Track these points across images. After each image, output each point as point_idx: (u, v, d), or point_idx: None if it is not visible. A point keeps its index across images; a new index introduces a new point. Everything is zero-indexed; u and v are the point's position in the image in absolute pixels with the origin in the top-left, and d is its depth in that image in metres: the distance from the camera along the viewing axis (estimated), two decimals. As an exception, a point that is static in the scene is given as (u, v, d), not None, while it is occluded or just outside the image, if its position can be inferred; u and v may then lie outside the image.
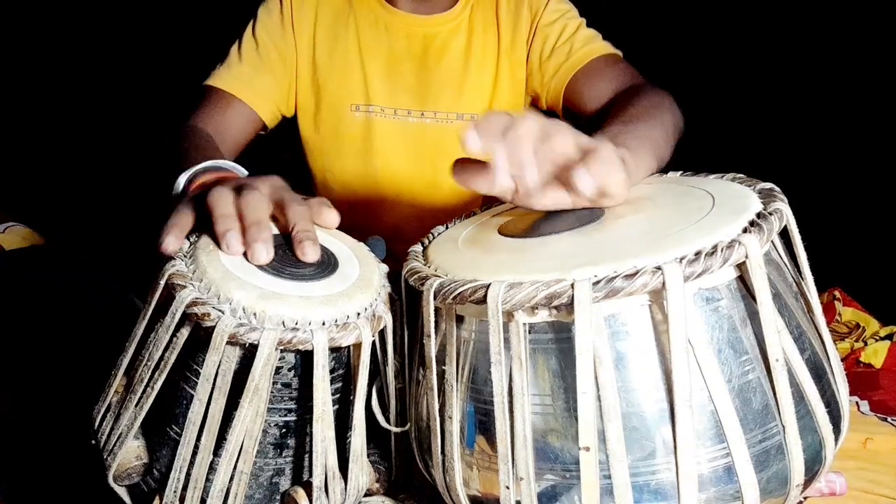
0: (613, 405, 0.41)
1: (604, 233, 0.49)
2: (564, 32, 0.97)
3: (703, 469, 0.42)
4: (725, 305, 0.43)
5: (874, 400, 0.82)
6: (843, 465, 0.66)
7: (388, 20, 1.01)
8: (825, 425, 0.45)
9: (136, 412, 0.51)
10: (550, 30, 0.98)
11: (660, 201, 0.52)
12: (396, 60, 1.01)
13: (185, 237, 0.53)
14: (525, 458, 0.44)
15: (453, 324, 0.48)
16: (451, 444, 0.48)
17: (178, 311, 0.47)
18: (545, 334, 0.44)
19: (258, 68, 0.97)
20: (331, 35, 1.01)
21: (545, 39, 0.98)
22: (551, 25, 0.98)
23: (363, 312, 0.51)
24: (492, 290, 0.43)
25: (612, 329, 0.42)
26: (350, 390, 0.53)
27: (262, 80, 0.97)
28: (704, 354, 0.42)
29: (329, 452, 0.50)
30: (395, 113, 1.01)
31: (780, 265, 0.48)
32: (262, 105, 0.97)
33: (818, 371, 0.46)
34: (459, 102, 1.01)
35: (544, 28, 0.99)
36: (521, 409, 0.43)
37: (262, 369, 0.46)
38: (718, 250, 0.41)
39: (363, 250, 0.59)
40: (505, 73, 1.01)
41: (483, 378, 0.47)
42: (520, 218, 0.57)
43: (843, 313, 1.05)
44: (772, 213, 0.45)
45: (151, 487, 0.53)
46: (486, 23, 1.01)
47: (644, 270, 0.40)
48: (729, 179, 0.54)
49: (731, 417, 0.42)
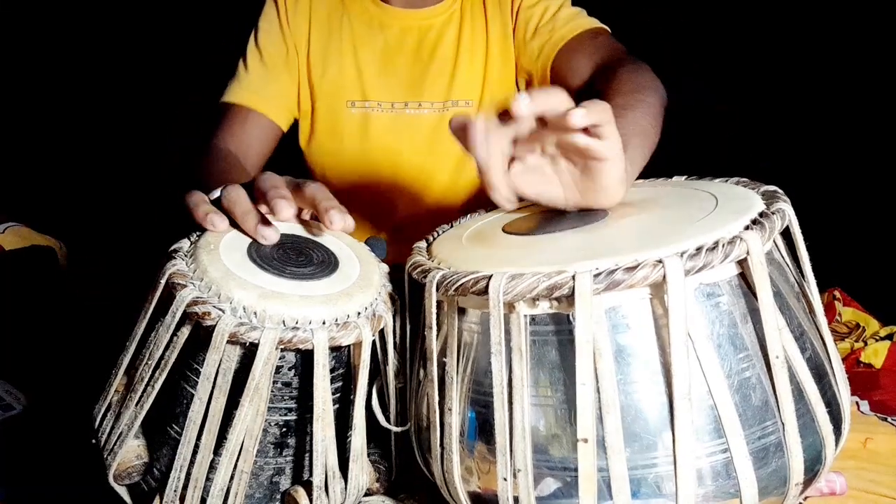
0: (612, 397, 0.41)
1: (607, 230, 0.49)
2: (547, 13, 0.98)
3: (702, 464, 0.42)
4: (726, 301, 0.43)
5: (874, 400, 0.82)
6: (843, 465, 0.66)
7: (381, 17, 1.03)
8: (825, 425, 0.45)
9: (136, 411, 0.51)
10: (533, 11, 0.99)
11: (663, 202, 0.53)
12: (391, 55, 1.02)
13: (186, 237, 0.54)
14: (523, 450, 0.44)
15: (455, 316, 0.48)
16: (451, 436, 0.48)
17: (178, 310, 0.47)
18: (546, 326, 0.44)
19: (265, 77, 0.99)
20: (324, 35, 1.02)
21: (528, 21, 0.99)
22: (533, 7, 0.99)
23: (363, 312, 0.51)
24: (493, 280, 0.43)
25: (612, 322, 0.42)
26: (350, 390, 0.53)
27: (270, 87, 0.99)
28: (704, 349, 0.42)
29: (329, 452, 0.50)
30: (393, 106, 1.02)
31: (782, 265, 0.48)
32: (276, 111, 0.99)
33: (819, 371, 0.46)
34: (452, 90, 1.02)
35: (526, 10, 1.00)
36: (521, 400, 0.44)
37: (262, 368, 0.46)
38: (720, 246, 0.41)
39: (363, 250, 0.59)
40: (495, 58, 1.03)
41: (483, 371, 0.47)
42: (525, 218, 0.58)
43: (843, 313, 1.05)
44: (774, 213, 0.45)
45: (152, 487, 0.53)
46: (475, 10, 1.03)
47: (645, 263, 0.40)
48: (733, 183, 0.55)
49: (730, 412, 0.42)
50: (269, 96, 0.99)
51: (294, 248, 0.54)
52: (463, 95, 1.02)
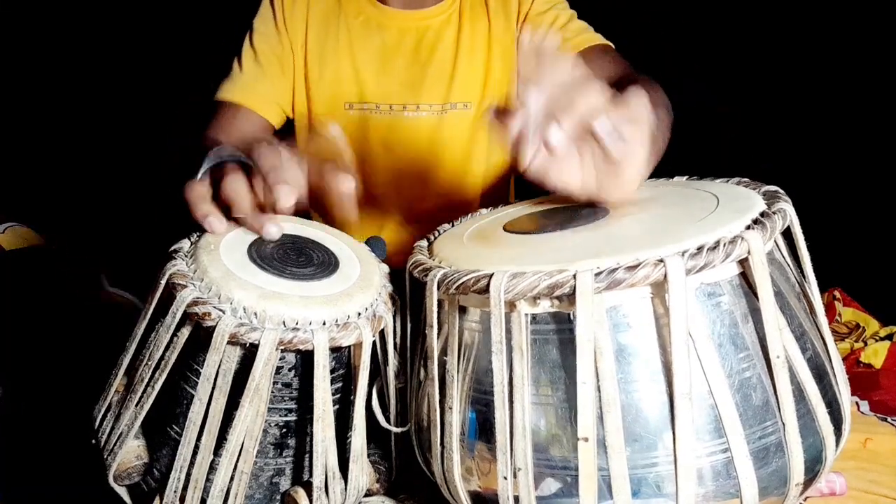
0: (613, 396, 0.41)
1: (608, 229, 0.49)
2: (556, 23, 0.98)
3: (702, 463, 0.42)
4: (727, 301, 0.43)
5: (874, 400, 0.82)
6: (843, 465, 0.66)
7: (379, 18, 1.03)
8: (826, 426, 0.45)
9: (136, 412, 0.51)
10: (542, 19, 0.99)
11: (664, 202, 0.53)
12: (389, 56, 1.02)
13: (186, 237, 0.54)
14: (524, 449, 0.44)
15: (456, 315, 0.48)
16: (451, 435, 0.48)
17: (178, 310, 0.47)
18: (547, 325, 0.44)
19: (258, 76, 1.00)
20: (321, 36, 1.02)
21: (535, 28, 0.99)
22: (542, 15, 0.99)
23: (364, 312, 0.51)
24: (494, 279, 0.43)
25: (613, 321, 0.42)
26: (350, 390, 0.53)
27: (263, 85, 1.00)
28: (705, 348, 0.42)
29: (329, 452, 0.50)
30: (391, 108, 1.02)
31: (783, 265, 0.48)
32: (267, 109, 1.00)
33: (820, 372, 0.46)
34: (451, 92, 1.02)
35: (535, 17, 1.00)
36: (521, 399, 0.43)
37: (262, 369, 0.46)
38: (721, 245, 0.41)
39: (364, 250, 0.59)
40: (497, 60, 1.02)
41: (484, 369, 0.47)
42: (526, 217, 0.58)
43: (843, 313, 1.05)
44: (775, 213, 0.45)
45: (152, 487, 0.52)
46: (476, 12, 1.03)
47: (646, 262, 0.40)
48: (734, 183, 0.55)
49: (731, 412, 0.42)
50: (261, 94, 0.99)
51: (294, 249, 0.54)
52: (462, 98, 1.02)
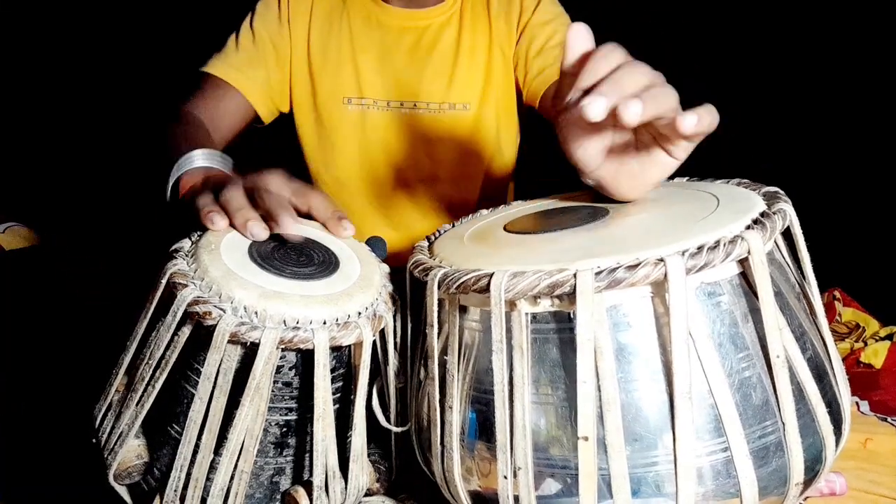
0: (613, 396, 0.41)
1: (608, 229, 0.49)
2: (555, 37, 0.98)
3: (702, 463, 0.42)
4: (727, 301, 0.43)
5: (874, 400, 0.82)
6: (843, 465, 0.66)
7: (380, 15, 1.03)
8: (826, 426, 0.45)
9: (136, 411, 0.51)
10: (541, 30, 0.99)
11: (665, 202, 0.53)
12: (389, 53, 1.03)
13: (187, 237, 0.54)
14: (524, 448, 0.44)
15: (456, 314, 0.48)
16: (451, 434, 0.48)
17: (179, 309, 0.47)
18: (547, 324, 0.44)
19: (253, 59, 0.99)
20: (324, 31, 1.03)
21: (533, 38, 0.99)
22: (542, 26, 0.99)
23: (364, 311, 0.51)
24: (495, 278, 0.43)
25: (613, 320, 0.42)
26: (351, 389, 0.53)
27: (256, 70, 0.99)
28: (705, 348, 0.42)
29: (329, 452, 0.50)
30: (388, 105, 1.03)
31: (783, 265, 0.48)
32: (256, 95, 0.98)
33: (820, 372, 0.46)
34: (450, 92, 1.02)
35: (534, 27, 1.00)
36: (521, 399, 0.44)
37: (263, 368, 0.46)
38: (721, 245, 0.41)
39: (364, 250, 0.59)
40: (498, 63, 1.03)
41: (484, 369, 0.47)
42: (526, 217, 0.58)
43: (843, 313, 1.05)
44: (775, 213, 0.45)
45: (152, 486, 0.52)
46: (477, 14, 1.03)
47: (646, 262, 0.40)
48: (734, 184, 0.55)
49: (731, 411, 0.42)
50: (253, 78, 0.98)
51: (295, 248, 0.54)
52: (461, 98, 1.02)
